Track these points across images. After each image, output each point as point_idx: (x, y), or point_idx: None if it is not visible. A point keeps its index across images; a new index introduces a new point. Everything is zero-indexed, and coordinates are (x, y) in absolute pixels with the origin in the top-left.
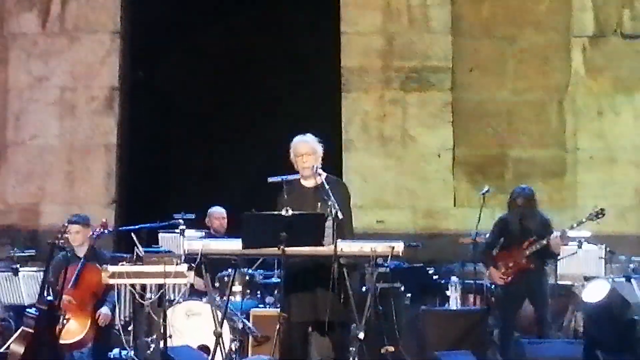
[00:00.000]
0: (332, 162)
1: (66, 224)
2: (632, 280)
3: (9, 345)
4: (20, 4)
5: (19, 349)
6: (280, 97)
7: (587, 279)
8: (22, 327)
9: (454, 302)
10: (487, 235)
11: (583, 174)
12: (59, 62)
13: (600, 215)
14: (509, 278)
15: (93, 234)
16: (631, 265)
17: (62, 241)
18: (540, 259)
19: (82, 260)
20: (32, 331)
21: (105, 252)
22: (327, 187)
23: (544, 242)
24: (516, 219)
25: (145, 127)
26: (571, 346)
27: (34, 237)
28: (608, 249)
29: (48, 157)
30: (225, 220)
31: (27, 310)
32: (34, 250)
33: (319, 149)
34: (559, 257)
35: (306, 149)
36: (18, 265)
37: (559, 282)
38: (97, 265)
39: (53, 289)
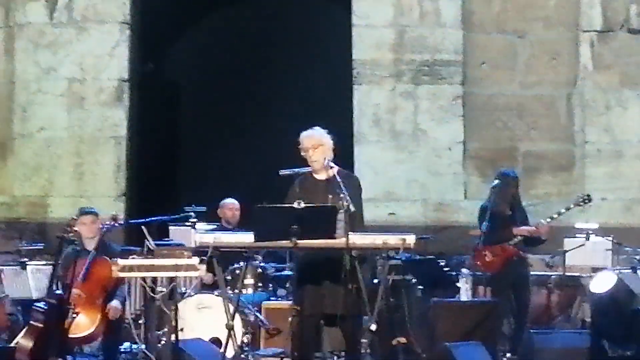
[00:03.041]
0: (343, 155)
1: (76, 217)
2: (638, 271)
3: (17, 340)
4: None
5: (28, 343)
6: (291, 89)
7: (594, 270)
8: (30, 322)
9: (465, 293)
10: (484, 225)
11: (591, 168)
12: (66, 53)
13: (586, 201)
14: (497, 266)
15: (103, 227)
16: (637, 257)
17: (71, 234)
18: (527, 245)
19: (91, 254)
20: (41, 325)
21: (115, 245)
22: (338, 179)
23: (533, 228)
24: (506, 206)
25: (155, 119)
26: (578, 336)
27: (42, 231)
28: (615, 241)
29: (56, 150)
30: (238, 211)
31: (36, 304)
32: (42, 244)
33: (327, 141)
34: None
35: (311, 142)
36: (26, 259)
37: (567, 274)
38: (107, 258)
39: (62, 282)
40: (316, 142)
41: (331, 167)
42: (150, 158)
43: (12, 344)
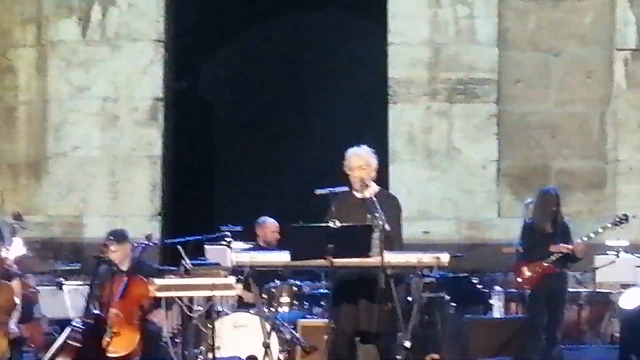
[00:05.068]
0: (378, 173)
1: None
2: None
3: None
4: (60, 11)
5: None
6: (326, 107)
7: (624, 286)
8: (67, 341)
9: (497, 310)
10: (521, 242)
11: (622, 185)
12: (100, 72)
13: (623, 221)
14: (535, 282)
15: (138, 247)
16: None
17: (107, 255)
18: (564, 262)
19: (126, 274)
20: (79, 345)
21: (150, 264)
22: (374, 199)
23: (570, 247)
24: (547, 224)
25: (189, 138)
26: (607, 351)
27: (78, 251)
28: None
29: (90, 169)
30: (278, 233)
31: (73, 323)
32: (77, 264)
33: (373, 162)
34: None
35: (359, 162)
36: (62, 279)
37: (597, 290)
38: (143, 277)
39: (99, 302)
40: (363, 163)
41: (368, 186)
42: (185, 177)
43: None
